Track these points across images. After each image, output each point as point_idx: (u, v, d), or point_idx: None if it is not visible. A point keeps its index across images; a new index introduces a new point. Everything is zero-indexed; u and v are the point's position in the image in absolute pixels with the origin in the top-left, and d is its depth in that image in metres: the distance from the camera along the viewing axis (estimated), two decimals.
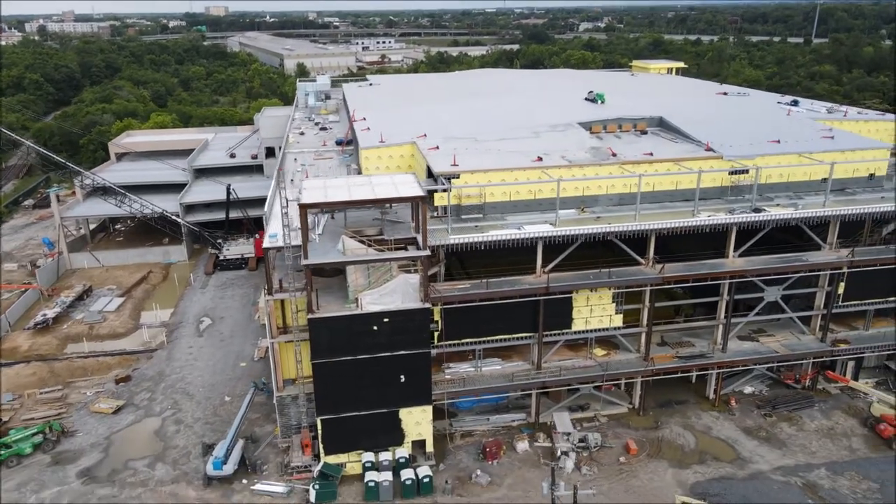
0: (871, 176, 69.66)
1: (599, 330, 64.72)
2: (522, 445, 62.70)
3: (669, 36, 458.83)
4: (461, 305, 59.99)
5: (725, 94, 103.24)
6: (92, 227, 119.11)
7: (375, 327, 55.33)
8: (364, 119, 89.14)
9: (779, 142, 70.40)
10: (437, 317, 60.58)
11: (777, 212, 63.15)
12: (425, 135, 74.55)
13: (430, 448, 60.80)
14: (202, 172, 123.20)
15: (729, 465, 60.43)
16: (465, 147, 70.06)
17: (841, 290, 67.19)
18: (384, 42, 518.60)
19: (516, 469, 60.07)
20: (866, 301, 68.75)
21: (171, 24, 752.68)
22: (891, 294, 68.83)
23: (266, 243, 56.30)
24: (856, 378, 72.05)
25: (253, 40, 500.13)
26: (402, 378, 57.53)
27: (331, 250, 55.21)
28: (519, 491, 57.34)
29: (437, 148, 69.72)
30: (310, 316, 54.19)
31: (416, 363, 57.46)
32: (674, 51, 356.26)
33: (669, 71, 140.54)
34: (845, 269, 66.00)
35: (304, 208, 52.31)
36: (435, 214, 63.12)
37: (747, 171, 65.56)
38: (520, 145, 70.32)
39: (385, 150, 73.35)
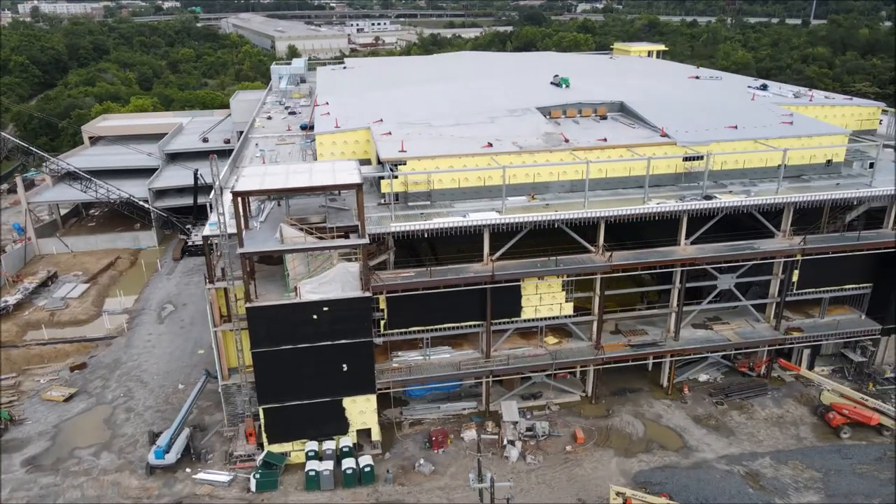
0: (829, 162, 68.87)
1: (550, 318, 64.28)
2: (470, 434, 62.53)
3: (666, 17, 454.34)
4: (407, 294, 59.52)
5: (698, 77, 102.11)
6: (64, 212, 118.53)
7: (315, 316, 54.93)
8: (327, 104, 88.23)
9: (736, 127, 69.52)
10: (382, 305, 60.23)
11: (728, 199, 62.41)
12: (381, 120, 73.79)
13: (375, 437, 60.61)
14: (175, 157, 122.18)
15: (675, 453, 60.25)
16: (417, 133, 69.33)
17: (795, 278, 66.56)
18: (379, 24, 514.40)
19: (461, 458, 59.91)
20: (821, 289, 68.13)
21: (167, 4, 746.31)
22: (846, 282, 68.30)
23: (205, 231, 55.72)
24: (812, 366, 71.77)
25: (246, 22, 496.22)
26: (345, 367, 57.20)
27: (270, 238, 54.66)
28: (461, 480, 57.13)
29: (390, 133, 68.95)
30: (247, 305, 53.78)
31: (358, 352, 57.14)
32: (669, 32, 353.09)
33: (650, 54, 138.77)
34: (799, 257, 65.35)
35: (237, 196, 51.73)
36: (382, 201, 62.57)
37: (701, 158, 64.76)
38: (474, 131, 69.53)
39: (340, 135, 72.59)
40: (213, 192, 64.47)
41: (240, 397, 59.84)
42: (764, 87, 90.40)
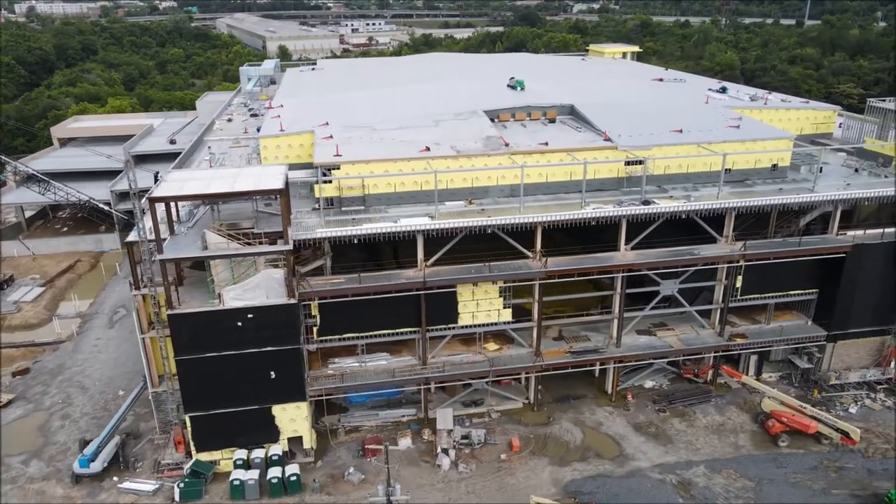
0: (775, 166, 68.05)
1: (488, 325, 63.54)
2: (405, 442, 61.86)
3: (659, 18, 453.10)
4: (340, 300, 58.83)
5: (661, 80, 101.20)
6: (31, 214, 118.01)
7: (240, 323, 54.23)
8: (281, 106, 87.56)
9: (681, 131, 68.71)
10: (315, 311, 59.62)
11: (666, 204, 61.67)
12: (327, 123, 73.11)
13: (307, 445, 59.94)
14: (142, 159, 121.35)
15: (610, 462, 59.53)
16: (359, 136, 68.70)
17: (739, 284, 65.81)
18: (374, 24, 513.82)
19: (394, 467, 59.05)
20: (766, 295, 67.38)
21: (164, 4, 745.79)
22: (791, 287, 67.54)
23: (130, 236, 55.09)
24: (760, 372, 71.08)
25: (240, 22, 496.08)
26: (273, 374, 56.52)
27: (193, 244, 53.95)
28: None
29: (331, 137, 68.30)
30: (169, 312, 53.11)
31: (286, 359, 56.49)
32: (661, 33, 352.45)
33: (625, 55, 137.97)
34: (741, 263, 64.59)
35: (153, 202, 51.03)
36: (317, 206, 61.93)
37: (643, 162, 64.01)
38: (417, 134, 68.77)
39: (285, 138, 71.78)
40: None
41: (170, 405, 59.10)
42: (723, 90, 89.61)
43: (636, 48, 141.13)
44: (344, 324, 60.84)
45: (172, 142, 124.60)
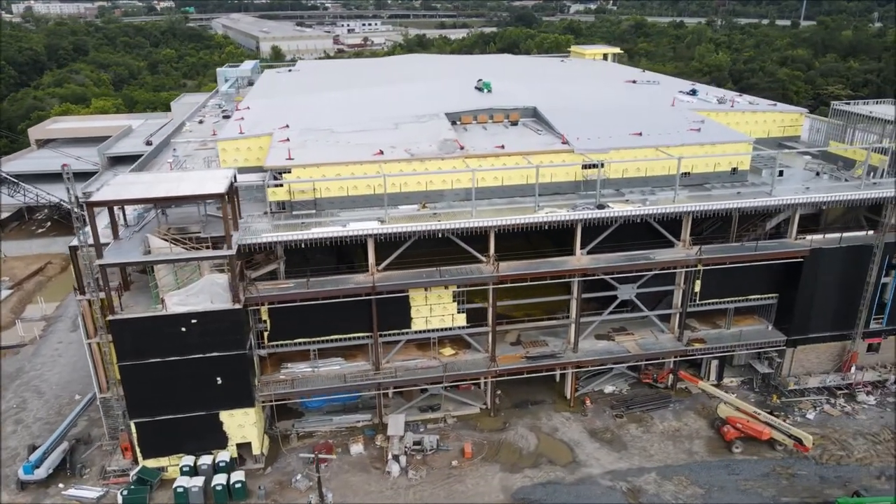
0: (734, 170, 67.50)
1: (442, 329, 63.04)
2: (356, 448, 61.33)
3: (655, 19, 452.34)
4: (290, 305, 58.35)
5: (634, 81, 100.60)
6: (6, 215, 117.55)
7: (184, 328, 53.70)
8: (248, 108, 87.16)
9: (640, 134, 68.14)
10: (265, 316, 59.22)
11: (620, 208, 61.12)
12: (287, 125, 72.68)
13: (256, 451, 59.41)
14: (118, 160, 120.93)
15: (562, 468, 58.98)
16: (316, 139, 68.25)
17: (697, 289, 65.26)
18: (371, 24, 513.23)
19: (343, 473, 58.71)
20: (725, 299, 66.82)
21: (162, 4, 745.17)
22: (751, 292, 67.00)
23: (74, 241, 54.57)
24: (721, 377, 70.53)
25: (235, 22, 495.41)
26: (219, 380, 55.96)
27: (136, 249, 53.44)
28: (337, 496, 55.94)
29: (288, 140, 67.81)
30: (110, 317, 52.61)
31: (232, 365, 55.92)
32: (655, 34, 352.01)
33: (606, 57, 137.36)
34: (699, 268, 64.03)
35: (90, 207, 50.56)
36: (268, 210, 61.45)
37: (601, 165, 63.50)
38: (374, 137, 68.26)
39: (244, 141, 71.27)
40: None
41: (118, 410, 58.57)
42: (693, 93, 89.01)
43: (617, 50, 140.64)
44: (295, 329, 60.37)
45: (149, 143, 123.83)
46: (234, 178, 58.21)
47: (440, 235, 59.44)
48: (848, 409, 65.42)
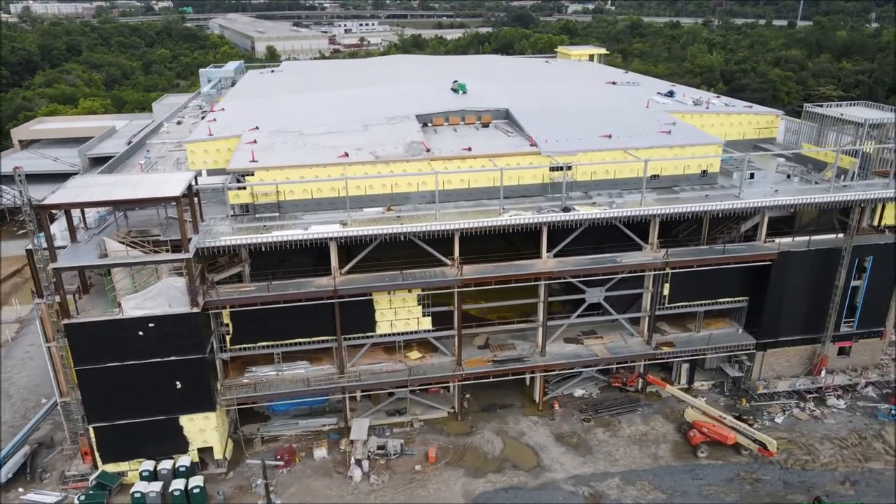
0: (704, 172, 67.06)
1: (407, 333, 62.65)
2: (320, 453, 60.93)
3: (652, 19, 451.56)
4: (253, 308, 57.97)
5: (614, 83, 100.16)
6: None
7: (141, 332, 53.30)
8: (222, 109, 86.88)
9: (610, 136, 67.71)
10: (227, 320, 58.86)
11: (586, 211, 60.71)
12: (257, 127, 72.30)
13: (218, 455, 58.99)
14: (100, 161, 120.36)
15: (525, 473, 58.57)
16: (284, 141, 67.88)
17: (666, 292, 64.82)
18: (368, 24, 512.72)
19: (305, 478, 58.33)
20: (694, 302, 66.38)
21: (160, 4, 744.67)
22: (720, 295, 66.57)
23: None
24: (691, 381, 70.11)
25: (232, 22, 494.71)
26: (178, 384, 55.57)
27: (92, 252, 53.05)
28: (297, 500, 55.54)
29: (255, 142, 67.42)
30: (66, 321, 52.22)
31: (192, 369, 55.51)
32: (650, 34, 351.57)
33: (592, 58, 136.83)
34: (668, 271, 63.60)
35: (44, 210, 50.25)
36: (232, 213, 61.08)
37: (570, 168, 63.16)
38: (343, 139, 67.89)
39: (212, 143, 70.83)
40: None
41: (78, 414, 58.18)
42: (671, 94, 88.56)
43: (603, 50, 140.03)
44: (258, 332, 60.01)
45: (130, 144, 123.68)
46: (196, 180, 57.85)
47: (402, 238, 59.03)
48: (817, 413, 64.96)
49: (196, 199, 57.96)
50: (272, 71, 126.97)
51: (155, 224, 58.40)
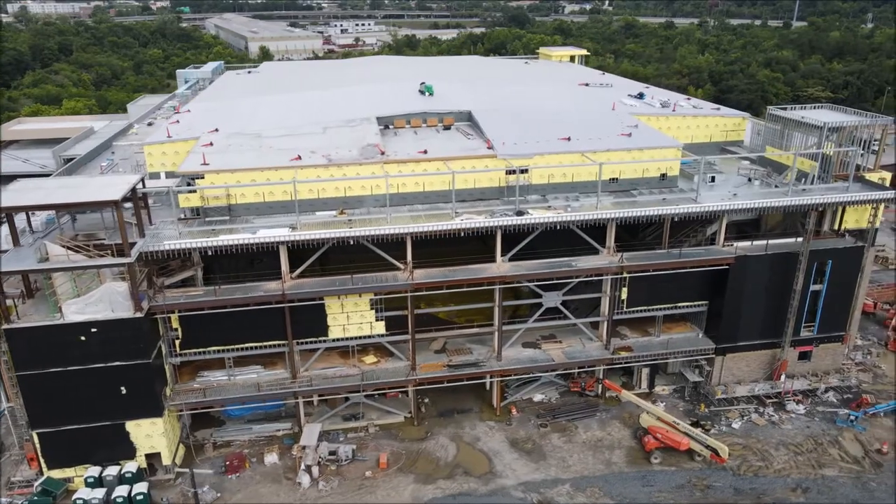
0: (664, 176, 66.49)
1: (360, 337, 62.10)
2: (271, 458, 60.39)
3: (647, 19, 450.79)
4: (202, 313, 57.43)
5: (587, 84, 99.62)
6: None
7: (83, 338, 52.77)
8: (188, 111, 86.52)
9: (569, 139, 67.14)
10: (176, 324, 58.34)
11: (540, 214, 60.15)
12: (217, 129, 71.87)
13: (166, 461, 58.42)
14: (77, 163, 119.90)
15: (476, 479, 58.02)
16: (240, 144, 67.38)
17: (624, 296, 64.24)
18: (364, 24, 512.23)
19: (254, 484, 57.77)
20: (654, 307, 65.78)
21: (158, 4, 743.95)
22: (680, 299, 65.99)
23: None
24: (652, 386, 69.53)
25: (227, 22, 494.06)
26: (123, 390, 55.03)
27: (34, 256, 52.51)
28: None
29: (211, 144, 66.95)
30: (5, 326, 51.68)
31: (137, 374, 54.96)
32: (644, 34, 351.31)
33: (573, 59, 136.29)
34: (626, 275, 63.03)
35: None
36: (182, 216, 60.56)
37: (520, 171, 62.63)
38: (301, 142, 67.33)
39: (170, 145, 70.43)
40: None
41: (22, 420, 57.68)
42: (640, 96, 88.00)
43: (584, 52, 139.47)
44: (208, 337, 59.48)
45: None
46: (143, 183, 57.38)
47: (352, 242, 58.54)
48: (775, 418, 64.34)
49: (144, 203, 57.64)
50: (249, 72, 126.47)
51: (103, 228, 57.89)
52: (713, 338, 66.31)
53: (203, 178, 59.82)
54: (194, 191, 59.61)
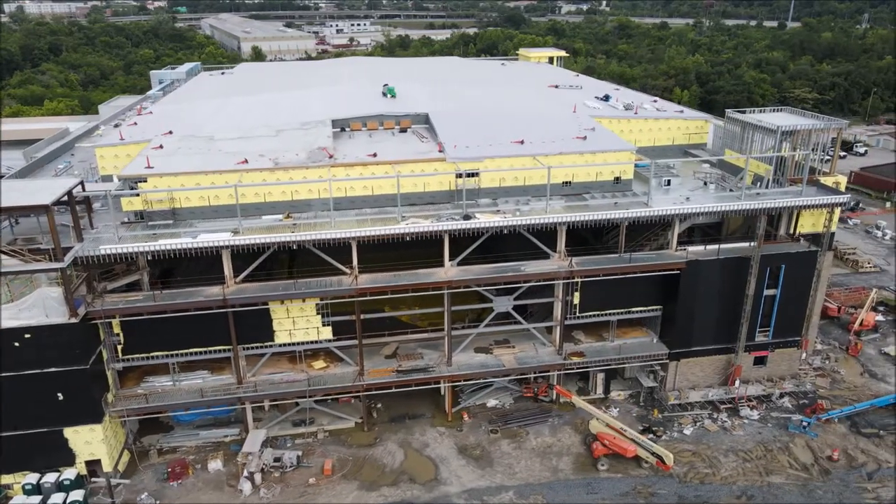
0: (618, 179, 65.81)
1: (307, 342, 61.48)
2: (215, 465, 59.74)
3: (642, 20, 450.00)
4: (144, 318, 56.82)
5: (557, 86, 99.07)
6: None
7: (17, 343, 52.16)
8: (150, 113, 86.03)
9: (522, 142, 66.49)
10: (118, 329, 57.76)
11: (487, 219, 59.49)
12: (171, 132, 71.31)
13: (107, 468, 57.77)
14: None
15: (420, 487, 57.36)
16: (189, 147, 66.81)
17: (577, 301, 63.57)
18: (360, 24, 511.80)
19: (195, 491, 57.14)
20: (607, 311, 65.09)
21: (155, 4, 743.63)
22: (634, 304, 65.30)
23: None
24: (607, 391, 68.86)
25: (222, 22, 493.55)
26: (60, 396, 54.41)
27: None
28: None
29: (161, 147, 66.36)
30: None
31: (74, 381, 54.34)
32: (637, 35, 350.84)
33: (551, 60, 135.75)
34: (578, 279, 62.37)
35: None
36: (126, 220, 60.00)
37: (466, 175, 62.02)
38: (252, 145, 66.76)
39: (122, 148, 69.91)
40: None
41: None
42: (606, 98, 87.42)
43: (562, 53, 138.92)
44: (151, 342, 58.86)
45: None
46: (82, 187, 56.83)
47: (297, 247, 58.00)
48: (728, 424, 63.61)
49: (88, 207, 57.22)
50: (223, 73, 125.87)
51: (40, 232, 57.25)
52: (667, 343, 65.60)
53: (146, 181, 59.11)
54: (137, 194, 58.97)
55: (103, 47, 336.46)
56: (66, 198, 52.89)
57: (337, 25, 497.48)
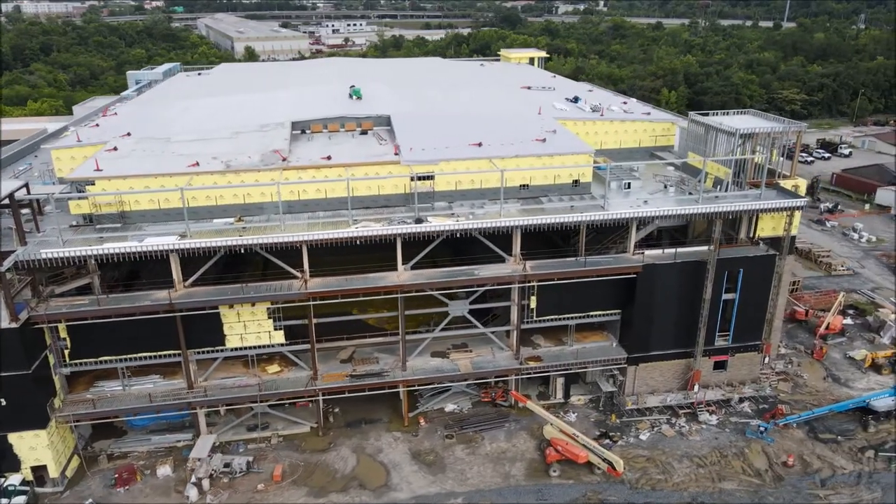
0: (576, 182, 65.17)
1: (259, 347, 60.88)
2: (164, 470, 59.11)
3: (639, 20, 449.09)
4: (92, 322, 56.20)
5: (529, 87, 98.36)
6: None
7: None
8: (115, 114, 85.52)
9: (480, 145, 65.85)
10: (64, 334, 57.16)
11: (440, 222, 58.87)
12: (129, 133, 70.84)
13: (53, 474, 57.16)
14: None
15: (370, 493, 56.75)
16: (144, 149, 66.24)
17: (533, 305, 62.95)
18: (357, 24, 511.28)
19: (142, 497, 56.56)
20: (564, 315, 64.45)
21: (152, 4, 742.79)
22: (593, 308, 64.66)
23: None
24: (567, 395, 68.23)
25: (217, 22, 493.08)
26: (3, 401, 53.80)
27: None
28: None
29: (116, 149, 65.80)
30: None
31: (16, 386, 53.71)
32: (631, 35, 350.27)
33: (532, 61, 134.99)
34: (534, 283, 61.75)
35: None
36: (74, 223, 59.42)
37: (430, 178, 61.50)
38: (208, 147, 66.20)
39: (79, 150, 69.35)
40: None
41: None
42: (575, 100, 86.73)
43: (543, 53, 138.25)
44: (99, 346, 58.23)
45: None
46: (27, 190, 56.26)
47: (247, 250, 57.45)
48: (685, 429, 62.95)
49: (37, 210, 56.71)
50: (199, 73, 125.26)
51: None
52: (626, 347, 64.96)
53: (94, 184, 58.51)
54: (85, 197, 58.36)
55: (96, 47, 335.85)
56: (6, 200, 52.21)
57: (333, 25, 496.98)
